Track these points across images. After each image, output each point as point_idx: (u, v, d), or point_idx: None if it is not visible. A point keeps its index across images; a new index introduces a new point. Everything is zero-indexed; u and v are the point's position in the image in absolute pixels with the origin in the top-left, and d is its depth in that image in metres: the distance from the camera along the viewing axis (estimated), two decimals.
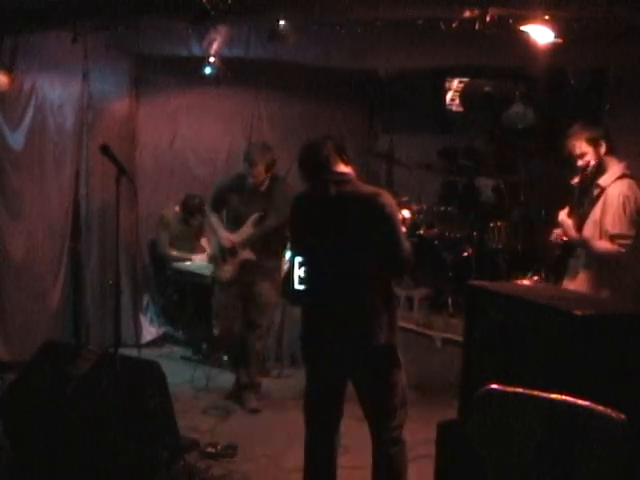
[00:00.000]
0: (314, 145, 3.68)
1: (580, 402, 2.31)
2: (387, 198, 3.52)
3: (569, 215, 4.43)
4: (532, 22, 4.66)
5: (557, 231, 4.56)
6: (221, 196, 5.66)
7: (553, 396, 2.37)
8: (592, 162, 4.35)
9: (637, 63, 5.18)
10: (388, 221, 3.49)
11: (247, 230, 5.45)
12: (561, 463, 2.33)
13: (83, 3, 4.98)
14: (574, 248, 4.47)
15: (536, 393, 2.40)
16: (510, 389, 2.46)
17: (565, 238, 4.47)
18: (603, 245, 4.27)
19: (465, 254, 6.56)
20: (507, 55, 5.55)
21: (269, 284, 5.54)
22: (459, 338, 3.53)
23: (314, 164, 3.63)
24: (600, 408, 2.27)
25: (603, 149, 4.36)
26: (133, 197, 6.60)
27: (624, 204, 4.25)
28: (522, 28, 4.74)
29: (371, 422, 3.64)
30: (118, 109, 6.85)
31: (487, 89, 7.20)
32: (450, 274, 6.46)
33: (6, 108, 6.01)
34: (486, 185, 7.27)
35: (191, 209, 6.94)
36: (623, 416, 2.24)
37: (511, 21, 4.68)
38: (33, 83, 6.11)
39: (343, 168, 3.62)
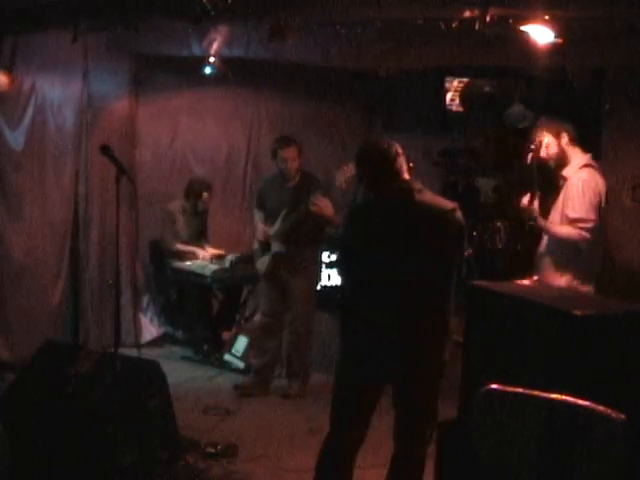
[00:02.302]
0: (385, 148, 3.47)
1: (580, 402, 2.31)
2: (460, 213, 3.45)
3: (531, 201, 4.54)
4: (532, 22, 4.67)
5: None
6: (261, 193, 5.93)
7: (553, 396, 2.37)
8: (553, 152, 4.51)
9: (637, 63, 5.18)
10: (461, 238, 3.45)
11: (277, 224, 5.68)
12: (561, 463, 2.33)
13: (83, 3, 4.98)
14: (540, 237, 4.62)
15: (536, 393, 2.40)
16: (510, 389, 2.46)
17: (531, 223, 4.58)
18: (565, 230, 4.40)
19: (465, 254, 6.55)
20: (507, 55, 5.55)
21: (302, 277, 5.74)
22: (459, 338, 3.52)
23: (389, 169, 3.45)
24: (600, 408, 2.27)
25: (565, 140, 4.51)
26: (133, 197, 6.61)
27: (583, 189, 4.38)
28: (522, 28, 4.74)
29: (404, 434, 3.52)
30: (118, 109, 6.85)
31: (487, 89, 7.19)
32: None
33: (6, 108, 6.01)
34: (486, 185, 7.27)
35: (197, 190, 6.85)
36: (623, 416, 2.24)
37: (511, 21, 4.68)
38: (33, 83, 6.11)
39: (408, 174, 3.51)
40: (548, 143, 4.53)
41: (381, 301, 3.42)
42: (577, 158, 4.52)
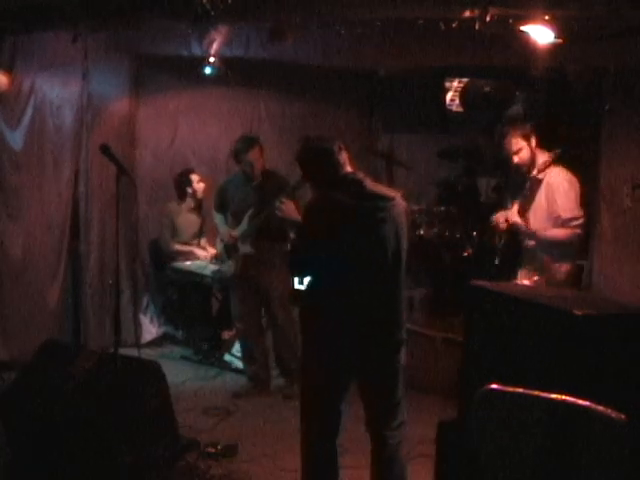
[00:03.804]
0: (326, 144, 3.59)
1: (580, 402, 2.31)
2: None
3: (520, 212, 4.69)
4: (532, 22, 4.66)
5: (497, 216, 4.89)
6: (221, 196, 5.87)
7: (553, 396, 2.37)
8: (527, 156, 4.65)
9: (637, 63, 5.18)
10: (407, 223, 3.61)
11: (243, 225, 5.63)
12: (561, 463, 2.33)
13: (83, 3, 4.98)
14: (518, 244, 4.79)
15: (536, 393, 2.40)
16: (510, 389, 2.45)
17: (503, 224, 4.80)
18: (557, 232, 4.58)
19: (465, 254, 6.56)
20: (507, 55, 5.55)
21: (275, 276, 5.68)
22: (459, 338, 3.54)
23: (333, 163, 3.55)
24: (600, 408, 2.27)
25: (534, 142, 4.67)
26: (133, 197, 6.61)
27: (569, 188, 4.57)
28: (522, 28, 4.74)
29: (376, 421, 3.63)
30: (118, 109, 6.85)
31: (487, 89, 7.19)
32: (450, 274, 6.46)
33: (5, 108, 6.00)
34: (486, 185, 7.27)
35: (184, 181, 6.89)
36: (623, 416, 2.24)
37: (511, 21, 4.67)
38: (32, 83, 6.10)
39: (351, 167, 3.61)
40: (522, 147, 4.65)
41: (345, 294, 3.50)
42: (542, 156, 4.66)
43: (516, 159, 4.66)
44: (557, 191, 4.53)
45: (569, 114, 6.48)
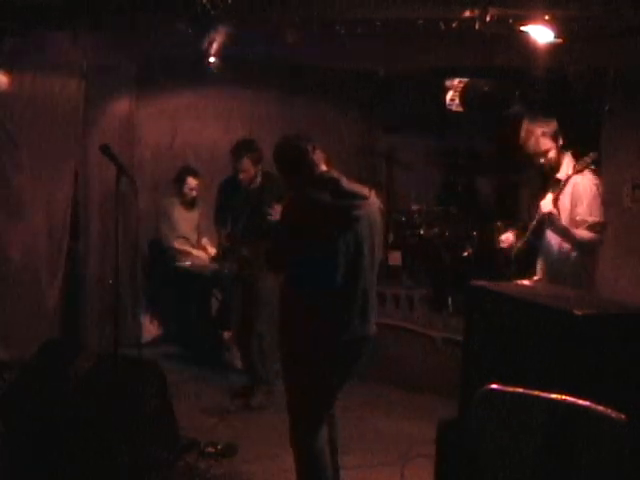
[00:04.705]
0: (299, 143, 3.65)
1: (580, 402, 2.31)
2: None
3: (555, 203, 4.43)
4: (532, 22, 4.67)
5: (507, 236, 4.74)
6: (221, 196, 5.87)
7: (553, 396, 2.37)
8: (553, 156, 4.37)
9: (637, 63, 5.18)
10: (380, 220, 3.70)
11: (240, 226, 5.64)
12: (561, 463, 2.33)
13: (83, 3, 4.98)
14: (536, 248, 4.54)
15: (536, 393, 2.40)
16: (510, 389, 2.45)
17: (507, 239, 4.71)
18: (585, 234, 4.33)
19: (465, 254, 6.56)
20: (507, 55, 5.55)
21: (268, 279, 5.58)
22: (459, 338, 3.54)
23: (306, 162, 3.60)
24: (600, 408, 2.27)
25: (560, 142, 4.40)
26: (133, 197, 6.61)
27: (597, 193, 4.33)
28: (522, 28, 4.75)
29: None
30: (118, 109, 6.85)
31: (487, 89, 7.19)
32: (450, 274, 6.46)
33: (6, 108, 6.01)
34: (486, 185, 7.28)
35: (181, 177, 6.95)
36: (623, 416, 2.24)
37: (511, 21, 4.68)
38: (32, 83, 6.11)
39: (326, 166, 3.65)
40: (551, 148, 4.37)
41: (325, 292, 3.52)
42: (567, 158, 4.42)
43: (542, 160, 4.37)
44: (584, 194, 4.31)
45: (569, 114, 6.47)
